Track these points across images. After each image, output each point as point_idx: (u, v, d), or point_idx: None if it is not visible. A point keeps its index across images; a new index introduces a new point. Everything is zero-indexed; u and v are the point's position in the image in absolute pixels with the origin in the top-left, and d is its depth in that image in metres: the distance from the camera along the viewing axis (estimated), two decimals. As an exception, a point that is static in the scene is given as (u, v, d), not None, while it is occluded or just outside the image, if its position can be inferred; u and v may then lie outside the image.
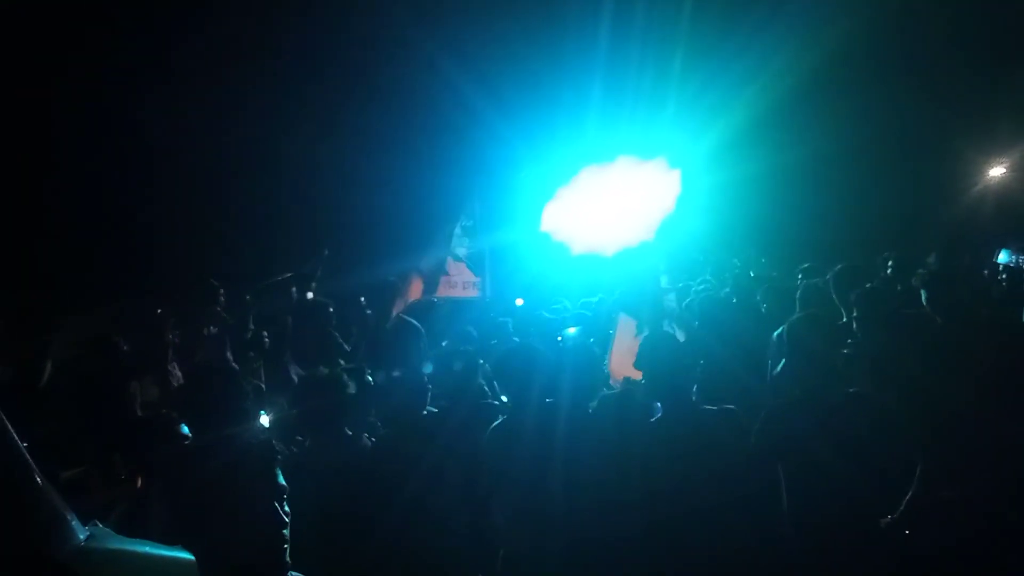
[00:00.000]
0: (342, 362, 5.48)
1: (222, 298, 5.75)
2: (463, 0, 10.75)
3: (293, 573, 2.06)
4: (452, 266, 6.97)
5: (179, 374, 5.14)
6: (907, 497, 3.39)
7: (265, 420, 4.15)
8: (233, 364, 4.75)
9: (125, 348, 5.02)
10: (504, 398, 4.97)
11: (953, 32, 12.65)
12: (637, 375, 4.28)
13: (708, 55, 10.97)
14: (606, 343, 5.64)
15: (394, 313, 6.08)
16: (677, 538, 3.50)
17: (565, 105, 10.78)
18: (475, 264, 6.84)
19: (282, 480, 1.88)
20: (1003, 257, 5.45)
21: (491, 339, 6.82)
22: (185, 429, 3.10)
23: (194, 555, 1.78)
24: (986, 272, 6.36)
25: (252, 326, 5.68)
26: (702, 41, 10.80)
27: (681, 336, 4.99)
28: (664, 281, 5.96)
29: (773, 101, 11.86)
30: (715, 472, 3.52)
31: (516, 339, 6.71)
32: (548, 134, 10.41)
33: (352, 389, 3.57)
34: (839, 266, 5.19)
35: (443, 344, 6.53)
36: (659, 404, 3.68)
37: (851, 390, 3.43)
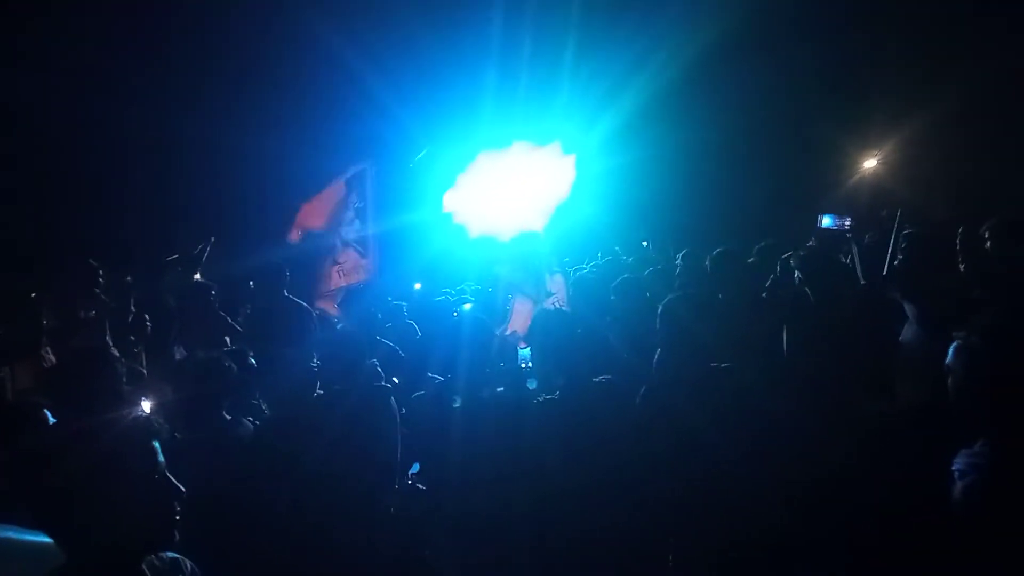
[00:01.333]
0: (228, 341, 5.38)
1: (101, 279, 5.51)
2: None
3: (173, 554, 2.04)
4: (341, 253, 6.92)
5: (52, 358, 4.91)
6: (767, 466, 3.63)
7: (147, 406, 4.05)
8: (111, 347, 4.58)
9: (-7, 333, 4.78)
10: (396, 380, 5.05)
11: (827, 28, 13.43)
12: None
13: (596, 45, 11.26)
14: (502, 317, 5.80)
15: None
16: (561, 509, 3.66)
17: (460, 90, 10.85)
18: (364, 247, 6.83)
19: (162, 457, 1.84)
20: (827, 222, 5.73)
21: (386, 322, 6.84)
22: (50, 416, 2.99)
23: (61, 540, 1.75)
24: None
25: (133, 309, 5.48)
26: (591, 31, 11.08)
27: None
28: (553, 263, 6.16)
29: (658, 91, 12.33)
30: (599, 445, 3.71)
31: (410, 322, 6.78)
32: (444, 119, 10.46)
33: (234, 371, 3.53)
34: (717, 250, 5.47)
35: (338, 327, 6.51)
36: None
37: (720, 365, 3.65)
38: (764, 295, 5.11)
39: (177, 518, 1.81)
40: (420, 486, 4.26)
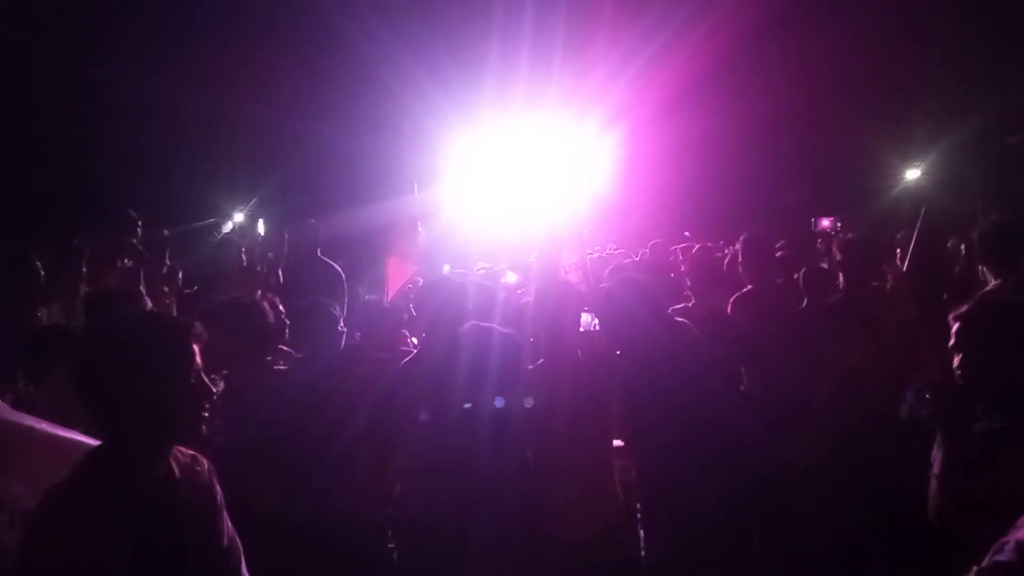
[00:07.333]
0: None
1: (139, 230, 5.68)
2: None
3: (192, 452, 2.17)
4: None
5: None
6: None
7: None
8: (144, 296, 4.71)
9: (41, 272, 5.00)
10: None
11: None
12: None
13: (632, 28, 11.26)
14: None
15: None
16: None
17: (493, 71, 10.97)
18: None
19: (197, 357, 1.99)
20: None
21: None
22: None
23: (106, 423, 1.89)
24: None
25: (168, 261, 5.62)
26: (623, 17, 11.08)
27: None
28: None
29: (699, 77, 12.28)
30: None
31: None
32: (479, 102, 10.56)
33: (271, 318, 3.60)
34: (744, 235, 5.43)
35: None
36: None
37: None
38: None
39: (205, 415, 2.00)
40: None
